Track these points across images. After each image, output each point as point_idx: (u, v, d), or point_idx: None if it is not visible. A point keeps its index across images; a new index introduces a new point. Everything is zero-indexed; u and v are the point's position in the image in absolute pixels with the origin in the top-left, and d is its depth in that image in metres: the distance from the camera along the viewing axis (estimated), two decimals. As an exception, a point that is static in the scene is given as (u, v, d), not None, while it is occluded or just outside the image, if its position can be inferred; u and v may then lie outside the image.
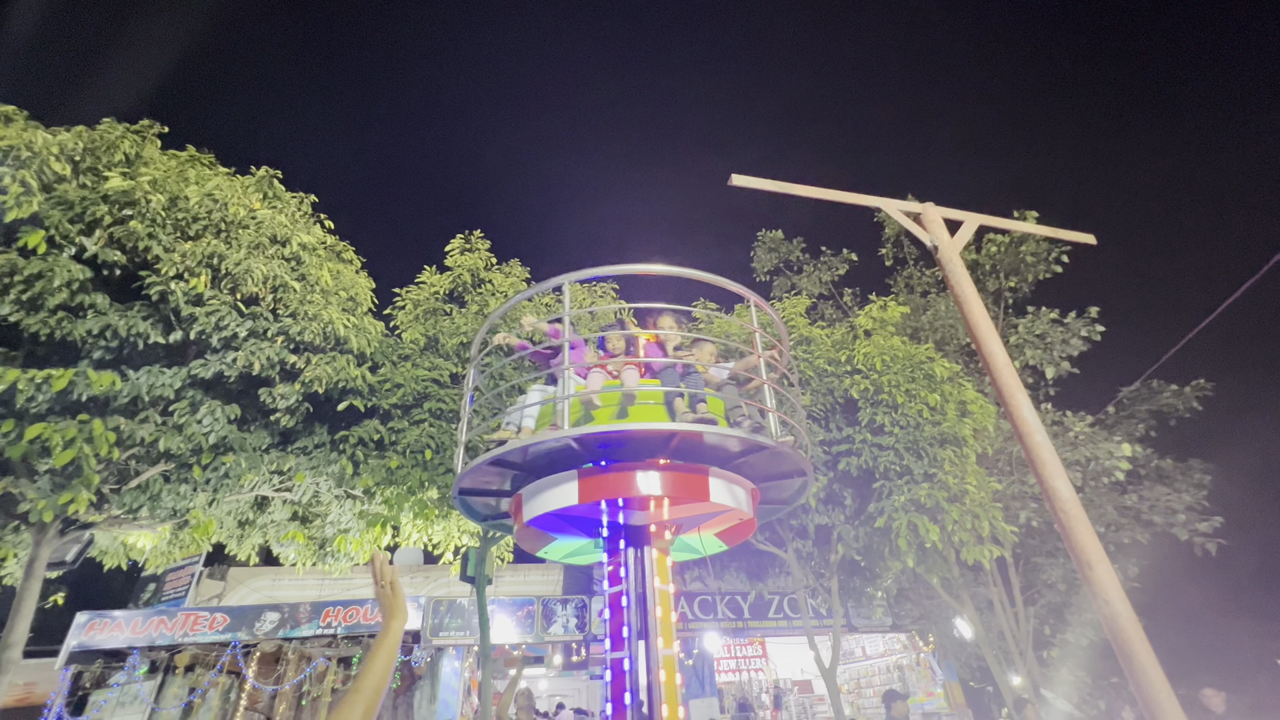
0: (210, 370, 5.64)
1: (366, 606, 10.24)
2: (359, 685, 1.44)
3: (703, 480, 3.66)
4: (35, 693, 12.13)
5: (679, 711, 3.83)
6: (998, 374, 2.29)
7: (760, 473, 4.02)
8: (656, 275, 4.42)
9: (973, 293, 2.54)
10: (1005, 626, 8.95)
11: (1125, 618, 1.85)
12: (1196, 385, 9.66)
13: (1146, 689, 1.74)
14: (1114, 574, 1.95)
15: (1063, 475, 2.08)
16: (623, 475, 3.53)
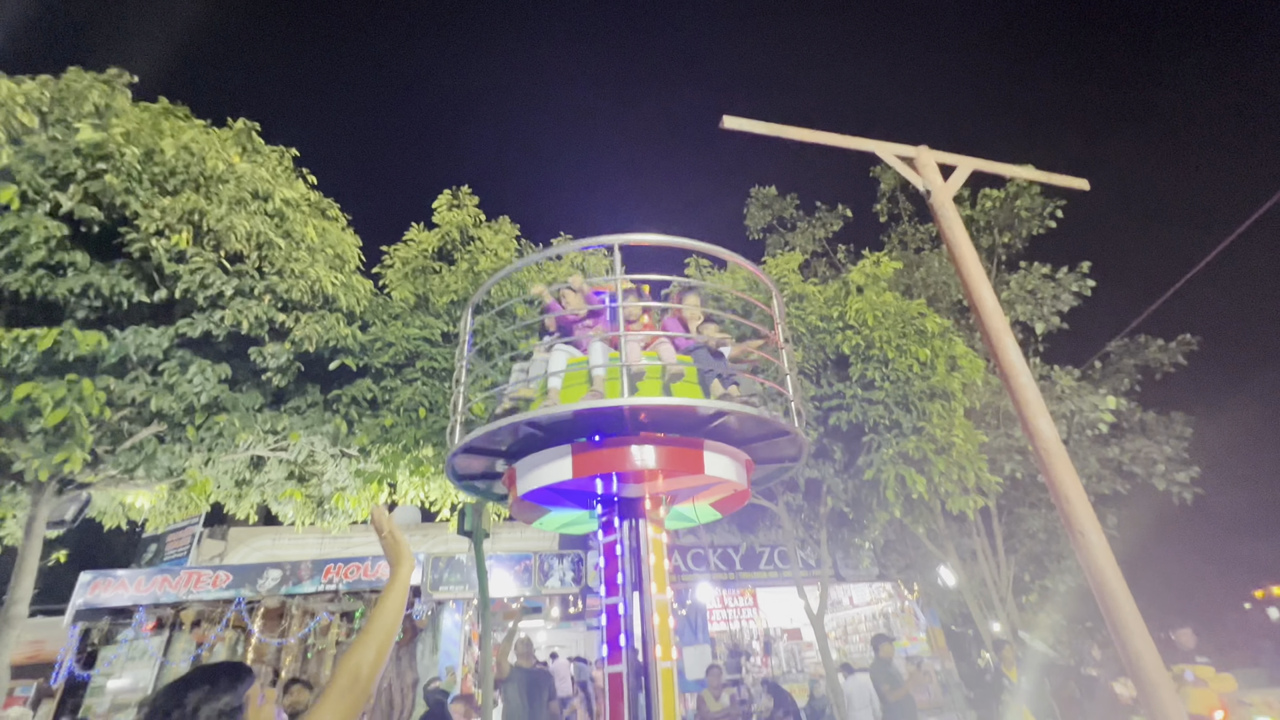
0: (197, 329, 5.58)
1: (367, 563, 10.45)
2: (371, 626, 1.46)
3: (698, 455, 3.64)
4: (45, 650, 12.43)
5: (672, 652, 3.99)
6: (986, 319, 2.30)
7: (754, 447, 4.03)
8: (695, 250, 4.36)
9: (964, 238, 2.53)
10: (987, 574, 9.29)
11: (1099, 548, 1.90)
12: (1182, 340, 9.79)
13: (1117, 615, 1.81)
14: (1090, 509, 2.01)
15: (1045, 416, 2.11)
16: (617, 451, 3.48)
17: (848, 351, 7.22)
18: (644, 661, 3.78)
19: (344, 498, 7.41)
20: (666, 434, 3.59)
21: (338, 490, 7.38)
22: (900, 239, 11.39)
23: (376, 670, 1.42)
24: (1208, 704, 5.80)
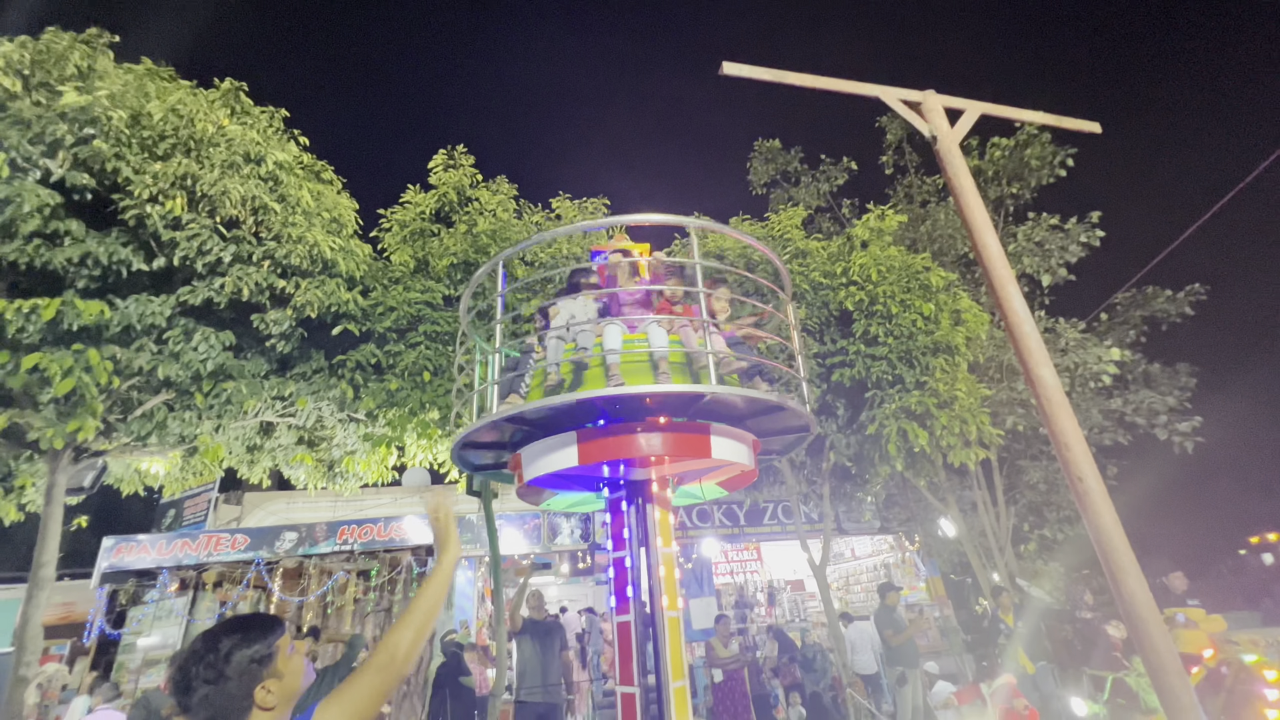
0: (199, 297, 5.57)
1: (379, 524, 10.71)
2: (413, 608, 1.52)
3: (704, 440, 3.60)
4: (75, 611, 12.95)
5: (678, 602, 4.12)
6: (991, 266, 2.26)
7: (761, 426, 4.00)
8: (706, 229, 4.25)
9: (970, 185, 2.47)
10: (987, 525, 9.46)
11: (1098, 494, 1.92)
12: (1190, 290, 9.68)
13: (1113, 558, 1.84)
14: (1090, 456, 2.02)
15: (1048, 365, 2.11)
16: (623, 438, 3.44)
17: (851, 308, 7.17)
18: (651, 611, 3.91)
19: (353, 461, 7.54)
20: (673, 419, 3.53)
21: (347, 454, 7.50)
22: (906, 192, 11.15)
23: (414, 650, 1.47)
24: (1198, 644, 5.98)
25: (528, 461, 3.74)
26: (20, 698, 5.48)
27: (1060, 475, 9.64)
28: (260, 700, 1.43)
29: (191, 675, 1.39)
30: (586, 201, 8.22)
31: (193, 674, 1.40)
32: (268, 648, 1.47)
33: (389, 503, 13.19)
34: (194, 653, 1.43)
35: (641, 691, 3.73)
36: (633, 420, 3.48)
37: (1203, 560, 21.10)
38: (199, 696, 1.38)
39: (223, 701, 1.39)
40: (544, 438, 3.68)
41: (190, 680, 1.39)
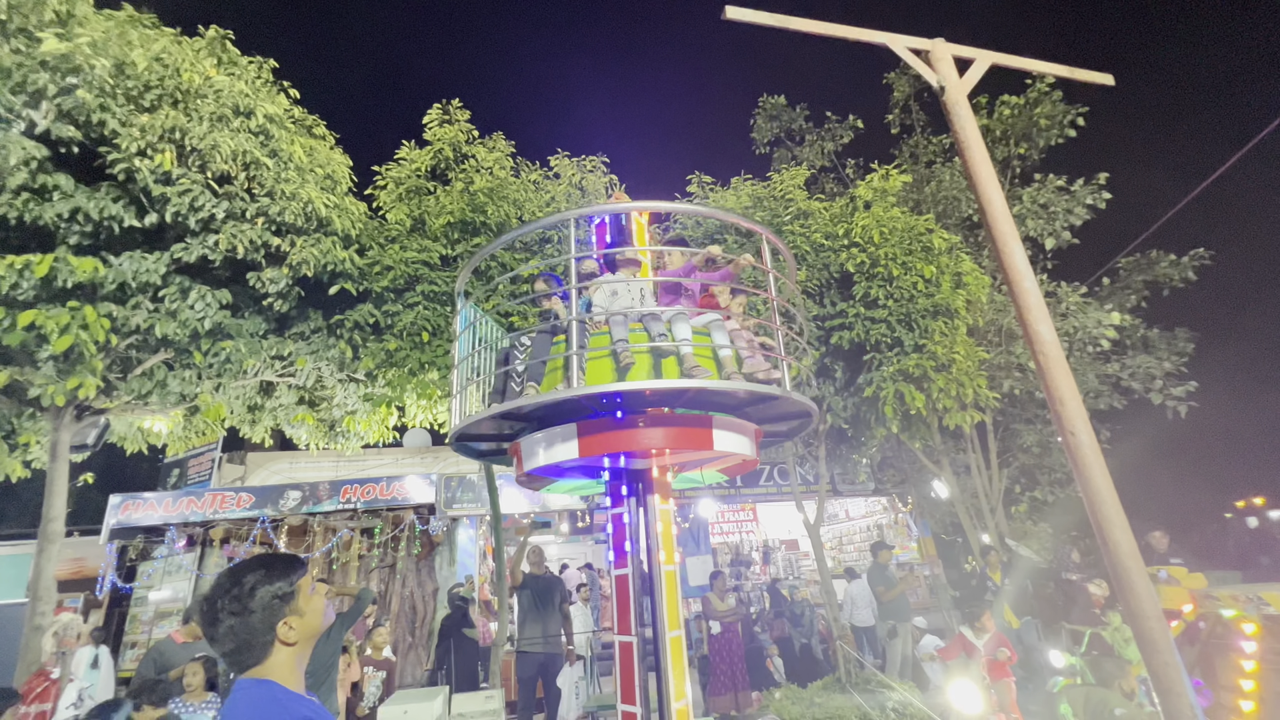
0: (193, 254, 5.51)
1: (381, 484, 10.87)
2: None
3: (706, 433, 3.56)
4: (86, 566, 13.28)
5: (675, 556, 4.22)
6: (994, 222, 2.24)
7: (764, 414, 3.96)
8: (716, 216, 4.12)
9: (976, 137, 2.42)
10: (979, 487, 9.62)
11: (1089, 447, 1.95)
12: (1195, 254, 9.60)
13: (1100, 509, 1.87)
14: (1083, 410, 2.04)
15: (1047, 321, 2.11)
16: (625, 432, 3.42)
17: (852, 269, 7.12)
18: (649, 565, 4.01)
19: (354, 421, 7.60)
20: (674, 412, 3.50)
21: (348, 414, 7.55)
22: (911, 151, 10.92)
23: None
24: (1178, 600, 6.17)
25: (527, 452, 3.71)
26: (38, 645, 5.67)
27: (1054, 439, 9.75)
28: (282, 635, 1.50)
29: (218, 608, 1.46)
30: (585, 159, 8.05)
31: (219, 606, 1.47)
32: (290, 585, 1.54)
33: (390, 463, 13.36)
34: (220, 586, 1.50)
35: (639, 641, 3.85)
36: (635, 413, 3.44)
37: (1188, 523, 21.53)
38: (224, 628, 1.45)
39: (246, 634, 1.45)
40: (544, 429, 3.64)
41: (217, 612, 1.46)
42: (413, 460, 13.55)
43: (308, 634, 1.57)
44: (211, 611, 1.46)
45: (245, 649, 1.46)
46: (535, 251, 7.38)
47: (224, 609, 1.46)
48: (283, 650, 1.50)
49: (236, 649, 1.45)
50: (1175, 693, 1.65)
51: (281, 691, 1.44)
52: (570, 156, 8.01)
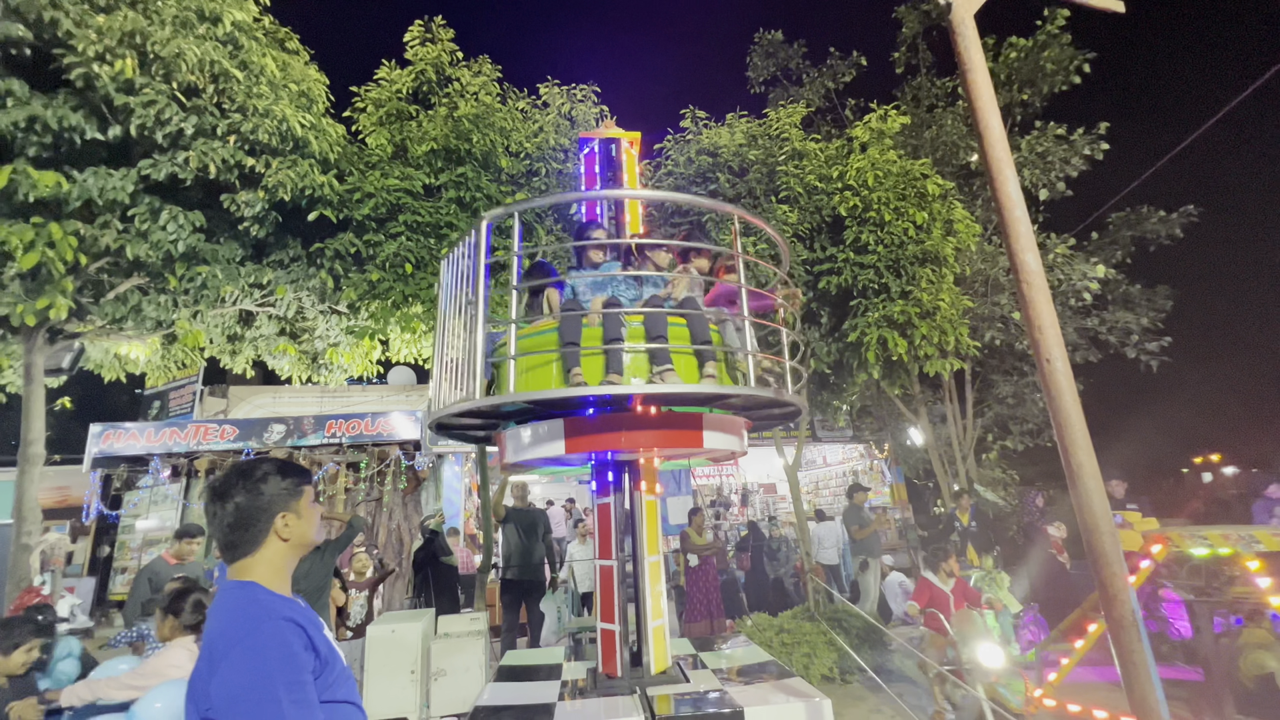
0: (162, 172, 5.26)
1: (366, 419, 10.91)
2: None
3: (697, 433, 3.53)
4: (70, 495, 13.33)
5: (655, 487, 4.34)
6: (991, 148, 2.20)
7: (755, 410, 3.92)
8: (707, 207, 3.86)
9: (980, 61, 2.34)
10: (954, 435, 9.91)
11: (1062, 374, 1.99)
12: (1184, 211, 9.61)
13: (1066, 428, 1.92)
14: (1060, 338, 2.07)
15: (1034, 250, 2.11)
16: (613, 434, 3.37)
17: (844, 213, 7.03)
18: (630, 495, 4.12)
19: (337, 353, 7.53)
20: (664, 411, 3.44)
21: (330, 346, 7.48)
22: (914, 94, 10.61)
23: None
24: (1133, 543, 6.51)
25: (511, 446, 3.67)
26: (25, 563, 5.74)
27: (1029, 389, 10.01)
28: (278, 527, 1.55)
29: (231, 485, 1.54)
30: (575, 88, 7.71)
31: (233, 484, 1.55)
32: (297, 486, 1.61)
33: (375, 399, 13.36)
34: (236, 469, 1.59)
35: (619, 565, 4.00)
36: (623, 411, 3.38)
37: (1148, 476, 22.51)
38: (231, 505, 1.52)
39: (251, 514, 1.52)
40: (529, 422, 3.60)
41: (230, 489, 1.54)
42: (397, 398, 13.55)
43: (299, 539, 1.61)
44: (224, 489, 1.54)
45: (243, 529, 1.51)
46: (521, 185, 7.17)
47: (236, 487, 1.53)
48: (273, 546, 1.54)
49: (235, 527, 1.51)
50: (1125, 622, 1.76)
51: (264, 593, 1.48)
52: (560, 85, 7.67)
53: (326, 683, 1.45)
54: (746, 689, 3.36)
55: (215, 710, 1.28)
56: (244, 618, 1.39)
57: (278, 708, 1.28)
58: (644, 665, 3.78)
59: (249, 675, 1.30)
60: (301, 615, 1.47)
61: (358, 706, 1.56)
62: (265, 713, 1.27)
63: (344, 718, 1.48)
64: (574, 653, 4.55)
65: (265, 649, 1.34)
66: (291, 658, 1.36)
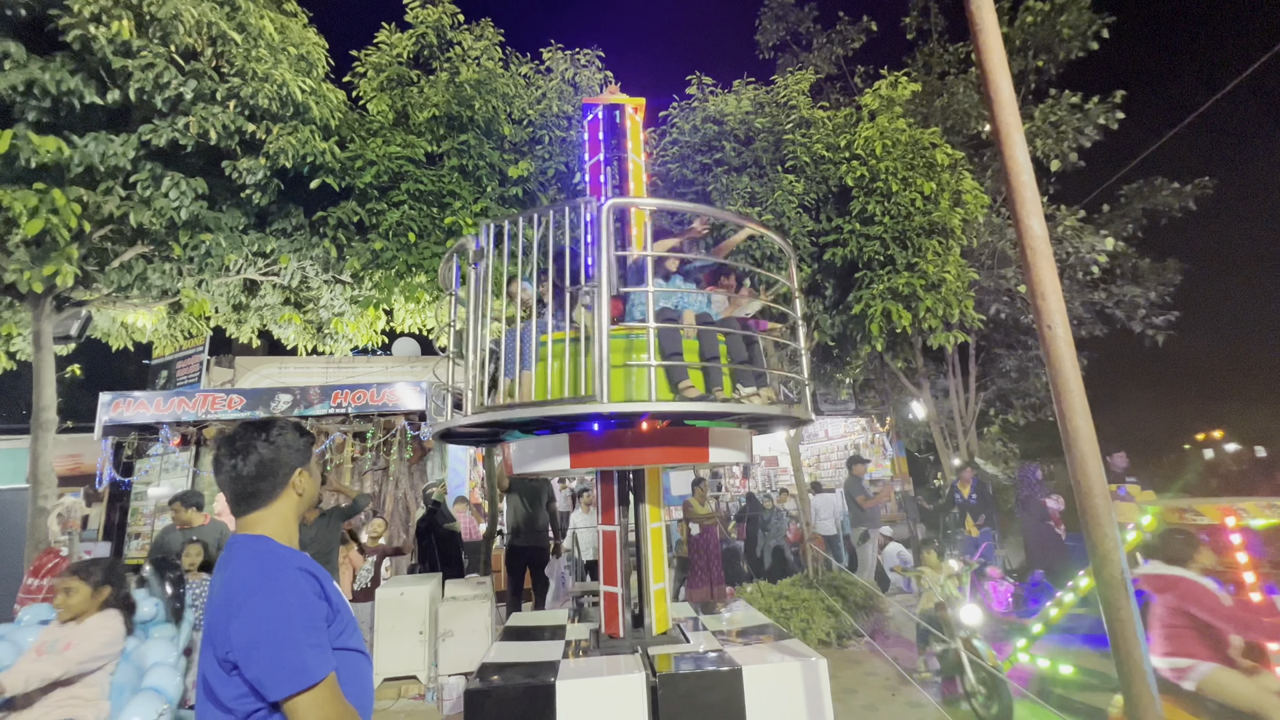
0: (162, 137, 5.22)
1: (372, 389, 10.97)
2: None
3: (703, 450, 3.56)
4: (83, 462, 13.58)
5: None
6: (999, 110, 2.17)
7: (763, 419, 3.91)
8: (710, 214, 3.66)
9: (992, 18, 2.28)
10: (956, 409, 9.94)
11: (1064, 341, 2.00)
12: (1199, 183, 9.43)
13: (1065, 394, 1.93)
14: (1063, 305, 2.08)
15: (1039, 215, 2.10)
16: (618, 450, 3.38)
17: (851, 183, 6.93)
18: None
19: (342, 323, 7.56)
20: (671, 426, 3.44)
21: (335, 315, 7.50)
22: (925, 61, 10.34)
23: None
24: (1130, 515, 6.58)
25: (516, 457, 3.72)
26: (44, 525, 5.89)
27: (1033, 364, 9.98)
28: (295, 481, 1.60)
29: (253, 439, 1.58)
30: (579, 53, 7.54)
31: (254, 438, 1.58)
32: (309, 445, 1.68)
33: (380, 371, 13.45)
34: (252, 424, 1.63)
35: (620, 530, 4.07)
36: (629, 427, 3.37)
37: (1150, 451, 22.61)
38: (256, 456, 1.56)
39: (273, 467, 1.57)
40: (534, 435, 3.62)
41: (251, 442, 1.57)
42: (402, 369, 13.64)
43: (309, 496, 1.66)
44: (243, 442, 1.57)
45: (263, 480, 1.56)
46: (524, 153, 7.08)
47: (258, 440, 1.57)
48: (287, 499, 1.59)
49: (255, 478, 1.55)
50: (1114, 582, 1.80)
51: (276, 544, 1.52)
52: (564, 49, 7.50)
53: (337, 631, 1.51)
54: (745, 649, 3.46)
55: (235, 652, 1.34)
56: (262, 566, 1.44)
57: (297, 649, 1.34)
58: (645, 626, 3.89)
59: (269, 619, 1.35)
60: (313, 566, 1.53)
61: (365, 655, 1.62)
62: (285, 654, 1.33)
63: (353, 664, 1.54)
64: (577, 615, 4.68)
65: (284, 594, 1.39)
66: (308, 604, 1.42)
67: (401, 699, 5.54)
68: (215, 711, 1.38)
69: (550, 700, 2.91)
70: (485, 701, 2.90)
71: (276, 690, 1.31)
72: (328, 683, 1.37)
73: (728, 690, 3.01)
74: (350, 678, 1.50)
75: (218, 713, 1.37)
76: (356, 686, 1.53)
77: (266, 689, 1.32)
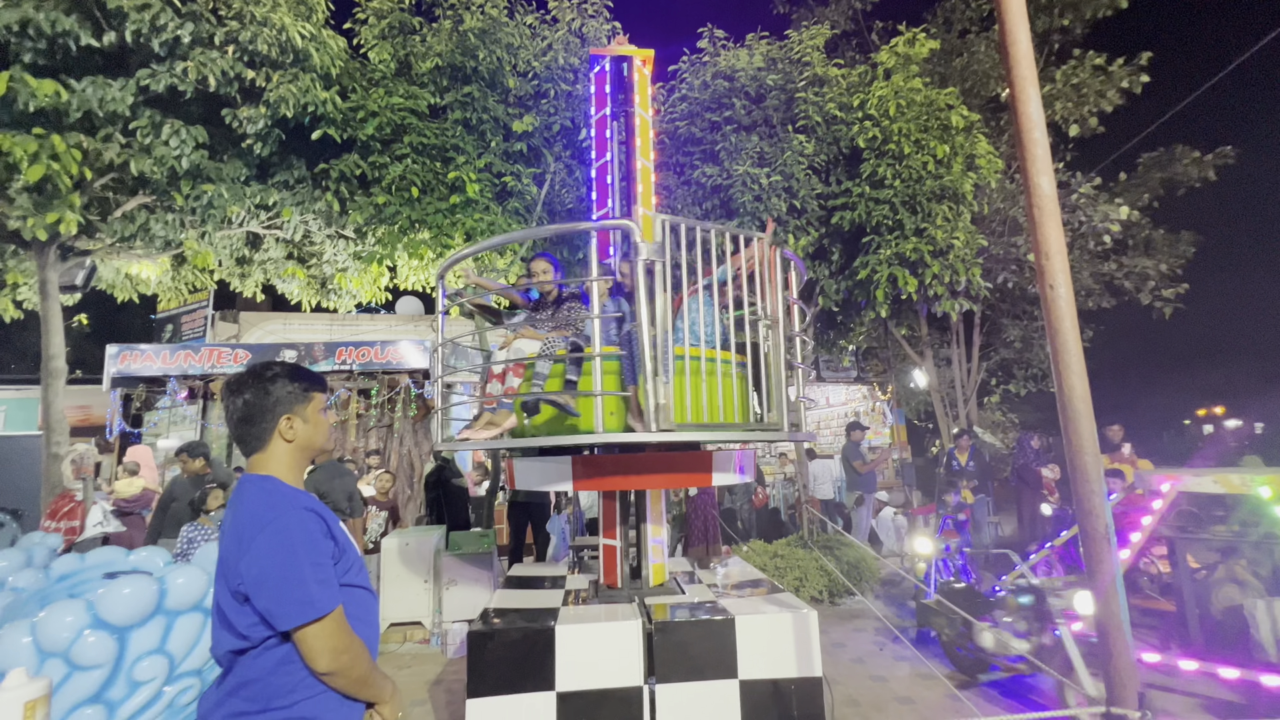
0: (161, 83, 5.12)
1: (376, 347, 11.04)
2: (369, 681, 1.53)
3: (706, 475, 3.56)
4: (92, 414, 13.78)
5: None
6: (1015, 65, 2.11)
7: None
8: None
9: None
10: (958, 378, 9.96)
11: (1065, 300, 2.01)
12: (1220, 152, 9.19)
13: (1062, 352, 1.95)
14: (1067, 265, 2.07)
15: (1049, 174, 2.07)
16: (622, 477, 3.41)
17: (863, 145, 6.78)
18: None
19: (345, 279, 7.55)
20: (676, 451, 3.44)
21: (339, 270, 7.49)
22: (946, 16, 9.96)
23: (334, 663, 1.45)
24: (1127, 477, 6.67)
25: (520, 474, 3.73)
26: (58, 471, 6.04)
27: (1037, 334, 9.94)
28: (281, 428, 1.61)
29: (245, 382, 1.61)
30: (587, 3, 7.28)
31: (246, 381, 1.62)
32: (305, 391, 1.66)
33: (384, 329, 13.49)
34: (252, 368, 1.66)
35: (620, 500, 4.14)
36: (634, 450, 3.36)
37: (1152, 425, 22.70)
38: (243, 400, 1.59)
39: (258, 411, 1.59)
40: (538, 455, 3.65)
41: (243, 386, 1.61)
42: (405, 327, 13.67)
43: (307, 442, 1.68)
44: (238, 385, 1.61)
45: (249, 425, 1.59)
46: (529, 106, 6.93)
47: (248, 385, 1.61)
48: (281, 445, 1.61)
49: (243, 422, 1.60)
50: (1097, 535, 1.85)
51: (283, 484, 1.56)
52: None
53: (344, 569, 1.57)
54: (739, 600, 3.57)
55: (246, 585, 1.40)
56: (270, 504, 1.48)
57: (303, 584, 1.40)
58: (643, 578, 4.00)
59: (277, 554, 1.41)
60: (319, 506, 1.58)
61: (372, 593, 1.69)
62: (292, 587, 1.39)
63: (359, 600, 1.61)
64: (577, 567, 4.81)
65: (291, 531, 1.44)
66: (314, 540, 1.47)
67: (408, 643, 5.76)
68: (230, 638, 1.45)
69: (550, 644, 3.02)
70: (488, 643, 3.02)
71: (286, 621, 1.38)
72: (335, 615, 1.43)
73: (721, 639, 3.12)
74: (358, 613, 1.57)
75: (232, 639, 1.45)
76: (364, 621, 1.60)
77: (276, 619, 1.39)
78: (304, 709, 1.44)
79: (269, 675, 1.43)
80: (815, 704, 3.06)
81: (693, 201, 7.19)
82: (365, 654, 1.52)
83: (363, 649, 1.52)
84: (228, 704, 1.45)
